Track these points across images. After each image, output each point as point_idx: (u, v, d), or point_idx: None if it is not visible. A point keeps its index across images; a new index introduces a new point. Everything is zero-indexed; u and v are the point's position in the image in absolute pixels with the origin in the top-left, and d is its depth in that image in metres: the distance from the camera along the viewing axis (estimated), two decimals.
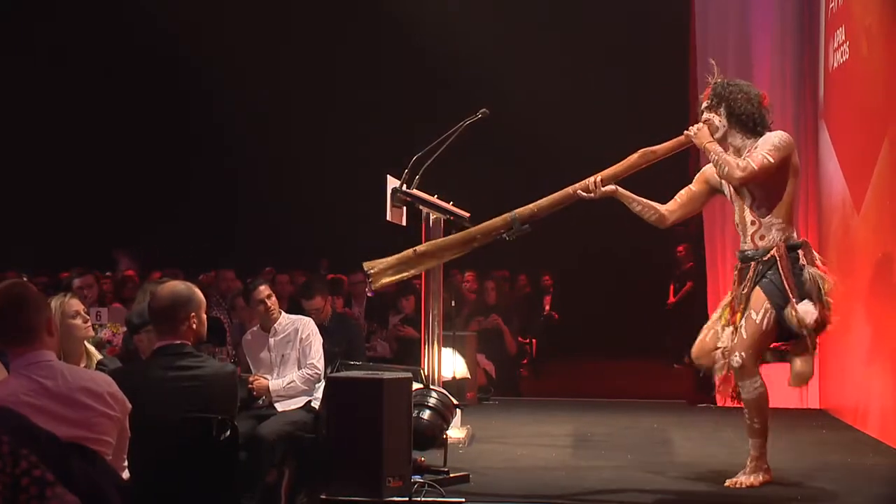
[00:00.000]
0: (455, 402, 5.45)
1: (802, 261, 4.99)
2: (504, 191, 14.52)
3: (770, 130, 5.09)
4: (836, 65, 7.31)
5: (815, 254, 5.12)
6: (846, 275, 6.86)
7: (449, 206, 5.90)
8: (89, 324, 4.84)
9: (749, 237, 5.12)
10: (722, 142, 5.15)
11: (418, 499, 4.67)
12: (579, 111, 13.82)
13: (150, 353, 4.27)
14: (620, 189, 5.34)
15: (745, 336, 5.00)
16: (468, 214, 5.88)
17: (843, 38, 7.08)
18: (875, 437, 6.28)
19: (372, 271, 5.42)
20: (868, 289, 6.55)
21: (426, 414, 5.17)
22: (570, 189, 5.36)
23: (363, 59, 15.04)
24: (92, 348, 4.81)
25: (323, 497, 4.68)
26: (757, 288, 5.01)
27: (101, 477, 2.89)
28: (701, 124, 5.22)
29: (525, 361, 12.18)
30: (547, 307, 14.09)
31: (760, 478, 5.05)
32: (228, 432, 3.79)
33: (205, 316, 4.03)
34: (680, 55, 9.29)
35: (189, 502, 3.75)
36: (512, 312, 10.68)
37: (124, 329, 5.91)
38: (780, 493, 4.95)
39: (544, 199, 5.39)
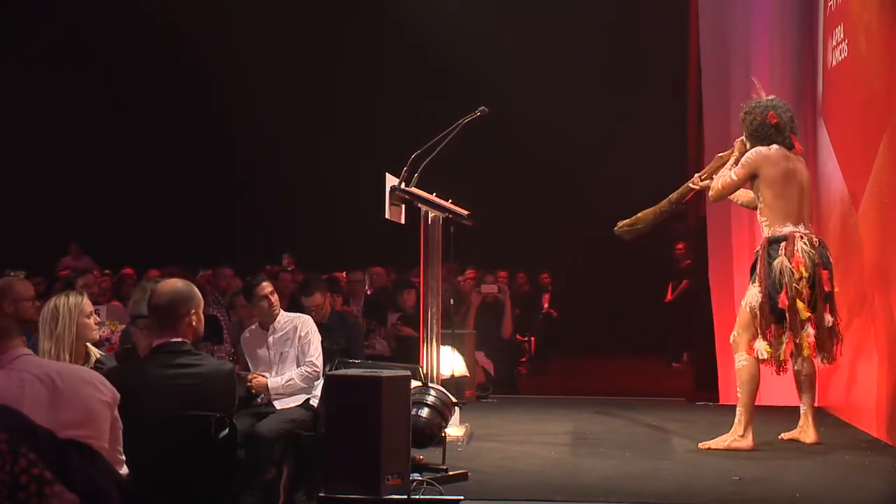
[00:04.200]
0: (454, 400, 5.45)
1: (780, 252, 5.78)
2: (503, 188, 14.65)
3: (784, 142, 5.94)
4: (834, 63, 7.30)
5: (802, 244, 5.78)
6: (845, 272, 6.86)
7: (448, 203, 5.90)
8: (98, 326, 4.86)
9: None
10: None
11: (417, 497, 4.67)
12: (578, 109, 13.83)
13: (147, 348, 4.27)
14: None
15: (738, 316, 6.04)
16: (467, 212, 5.88)
17: (842, 35, 7.07)
18: (874, 435, 6.28)
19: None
20: (867, 286, 6.55)
21: (425, 412, 5.17)
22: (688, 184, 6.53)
23: (363, 58, 15.06)
24: (91, 346, 4.82)
25: (321, 495, 4.69)
26: None
27: (100, 474, 2.90)
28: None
29: (524, 359, 12.19)
30: (546, 305, 14.09)
31: (729, 443, 5.84)
32: (227, 430, 3.80)
33: (202, 314, 4.04)
34: (679, 54, 9.30)
35: (188, 500, 3.75)
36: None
37: (122, 327, 5.92)
38: (779, 491, 4.96)
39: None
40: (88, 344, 4.77)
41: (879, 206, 6.30)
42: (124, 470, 3.23)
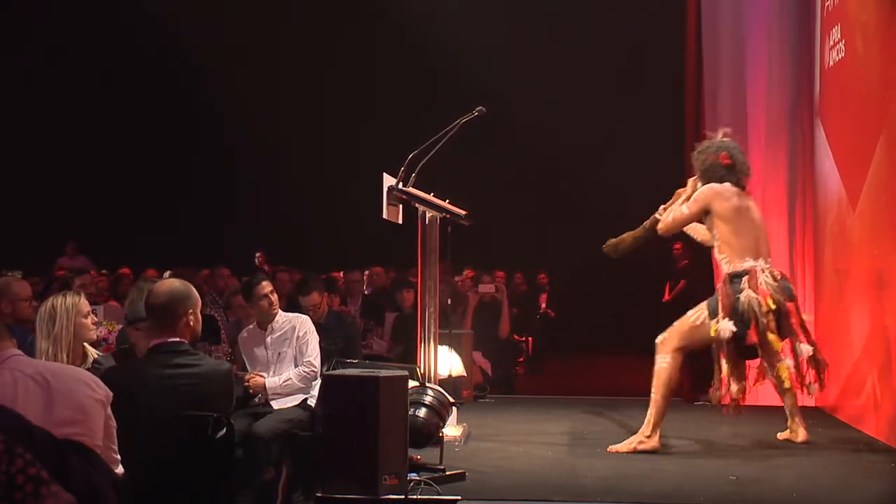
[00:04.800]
0: (451, 399, 5.46)
1: (744, 286, 5.74)
2: (501, 188, 14.66)
3: (734, 181, 5.97)
4: (831, 63, 7.31)
5: (764, 277, 5.78)
6: (842, 272, 6.87)
7: (445, 203, 5.90)
8: (95, 326, 4.86)
9: None
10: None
11: (414, 497, 4.67)
12: (577, 109, 13.84)
13: (145, 349, 4.28)
14: None
15: (677, 322, 6.06)
16: (464, 212, 5.88)
17: (839, 36, 7.08)
18: (870, 435, 6.29)
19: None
20: (864, 286, 6.56)
21: (422, 412, 5.18)
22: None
23: (362, 58, 15.06)
24: (89, 346, 4.83)
25: (319, 495, 4.69)
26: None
27: (97, 474, 2.90)
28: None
29: (521, 359, 12.21)
30: (543, 305, 14.10)
31: (634, 445, 5.82)
32: (224, 430, 3.80)
33: (200, 314, 4.03)
34: (676, 55, 9.30)
35: (185, 500, 3.75)
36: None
37: (120, 327, 5.91)
38: (776, 491, 4.97)
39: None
40: (86, 344, 4.77)
41: (876, 206, 6.31)
42: (120, 469, 3.23)
